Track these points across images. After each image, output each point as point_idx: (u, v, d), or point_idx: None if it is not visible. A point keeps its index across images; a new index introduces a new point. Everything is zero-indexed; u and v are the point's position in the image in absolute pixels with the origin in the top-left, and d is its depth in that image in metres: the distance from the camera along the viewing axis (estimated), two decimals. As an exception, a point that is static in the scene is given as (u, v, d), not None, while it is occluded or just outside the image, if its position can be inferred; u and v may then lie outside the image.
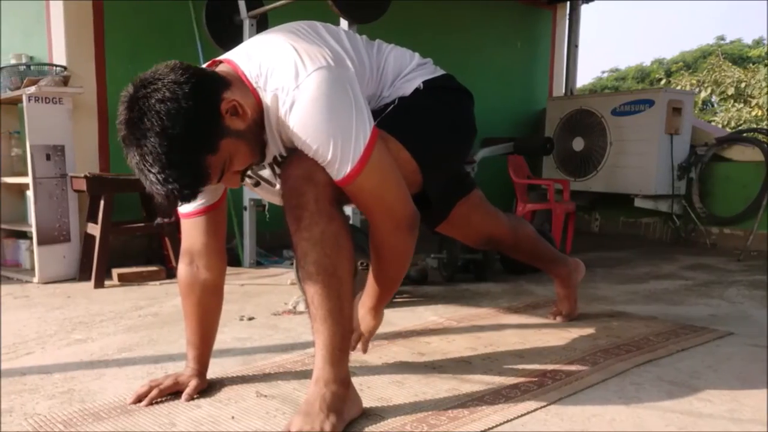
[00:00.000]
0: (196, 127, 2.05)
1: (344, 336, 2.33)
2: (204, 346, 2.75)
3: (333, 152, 2.15)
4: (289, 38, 2.33)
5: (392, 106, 2.55)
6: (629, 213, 8.11)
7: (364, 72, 2.47)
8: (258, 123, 2.27)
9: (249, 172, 2.53)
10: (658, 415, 2.44)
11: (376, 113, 2.47)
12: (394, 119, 2.49)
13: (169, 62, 2.13)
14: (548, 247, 3.70)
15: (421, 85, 2.60)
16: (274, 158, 2.42)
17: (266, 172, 2.56)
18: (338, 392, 2.29)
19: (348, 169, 2.17)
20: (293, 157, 2.28)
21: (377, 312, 2.85)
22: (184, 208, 2.60)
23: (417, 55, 2.74)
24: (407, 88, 2.59)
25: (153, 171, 2.05)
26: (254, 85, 2.25)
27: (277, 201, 2.65)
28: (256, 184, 2.66)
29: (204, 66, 2.35)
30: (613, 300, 4.44)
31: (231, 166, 2.23)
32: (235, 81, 2.24)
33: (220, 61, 2.39)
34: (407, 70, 2.65)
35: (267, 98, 2.23)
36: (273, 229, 6.33)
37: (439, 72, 2.73)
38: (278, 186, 2.54)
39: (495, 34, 8.95)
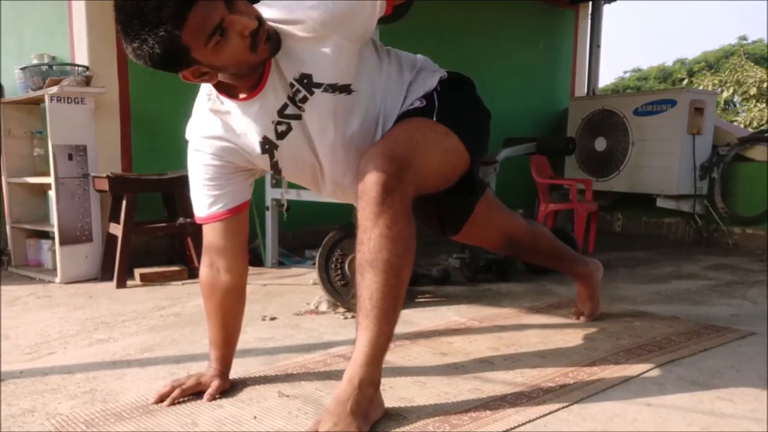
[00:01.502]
0: None
1: (389, 338, 2.33)
2: (226, 347, 2.75)
3: None
4: None
5: (435, 98, 2.57)
6: (651, 213, 8.07)
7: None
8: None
9: (278, 117, 2.45)
10: (680, 415, 2.43)
11: (418, 110, 2.53)
12: (449, 113, 2.52)
13: None
14: (565, 247, 3.68)
15: (445, 75, 2.64)
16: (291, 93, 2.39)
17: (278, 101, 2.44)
18: (369, 394, 2.28)
19: None
20: (378, 147, 2.31)
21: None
22: (202, 212, 2.60)
23: (419, 54, 2.79)
24: (431, 82, 2.61)
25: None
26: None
27: (307, 179, 2.65)
28: (283, 133, 2.51)
29: None
30: (635, 300, 4.42)
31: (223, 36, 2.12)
32: None
33: None
34: (421, 67, 2.69)
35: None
36: (295, 228, 6.34)
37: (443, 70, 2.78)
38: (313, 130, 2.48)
39: (517, 34, 8.93)
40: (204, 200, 2.59)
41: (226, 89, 2.41)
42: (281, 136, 2.47)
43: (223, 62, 2.19)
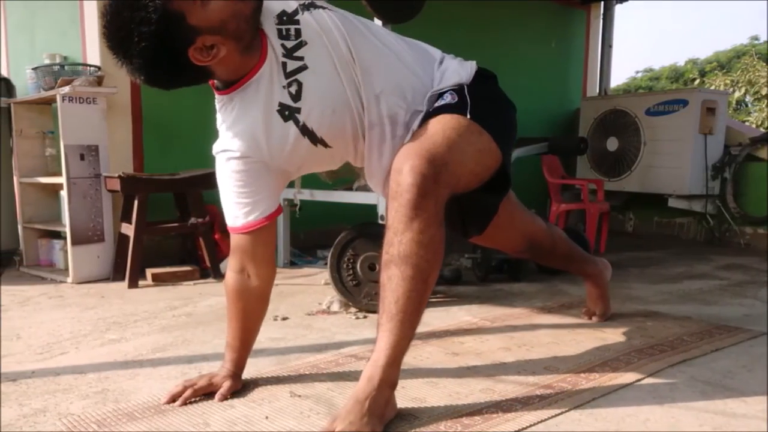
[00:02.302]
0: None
1: (410, 341, 2.33)
2: (243, 350, 2.74)
3: None
4: None
5: (466, 94, 2.56)
6: (663, 213, 8.06)
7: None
8: None
9: (285, 80, 2.45)
10: (693, 415, 2.42)
11: (453, 105, 2.51)
12: (481, 111, 2.50)
13: None
14: (578, 248, 3.67)
15: (475, 68, 2.66)
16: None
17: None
18: (386, 395, 2.28)
19: None
20: (414, 146, 2.31)
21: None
22: (237, 221, 2.56)
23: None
24: (464, 75, 2.60)
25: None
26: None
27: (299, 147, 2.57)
28: (298, 92, 2.48)
29: None
30: (647, 300, 4.41)
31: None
32: None
33: None
34: (446, 57, 2.70)
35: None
36: (307, 229, 6.34)
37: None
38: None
39: (529, 33, 8.92)
40: (238, 210, 2.55)
41: (230, 83, 2.47)
42: (297, 96, 2.45)
43: (219, 16, 2.24)
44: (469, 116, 2.44)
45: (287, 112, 2.45)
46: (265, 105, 2.43)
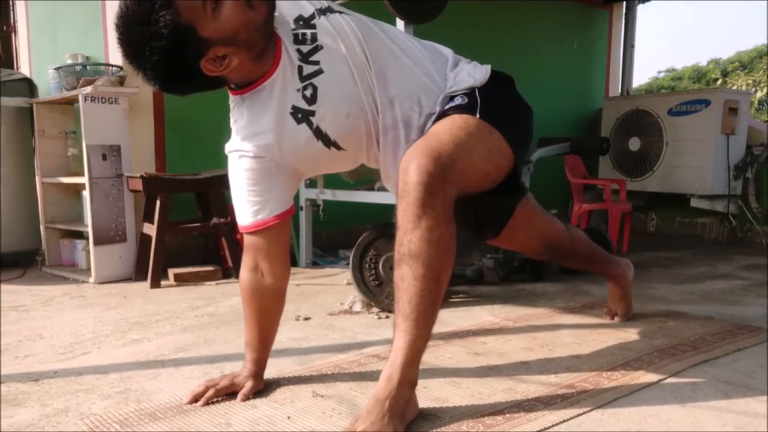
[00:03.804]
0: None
1: (427, 339, 2.32)
2: (263, 349, 2.74)
3: None
4: None
5: (477, 95, 2.54)
6: (685, 213, 8.02)
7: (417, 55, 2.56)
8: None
9: (300, 83, 2.47)
10: (715, 415, 2.41)
11: (463, 106, 2.50)
12: (492, 111, 2.49)
13: None
14: (599, 249, 3.66)
15: (490, 73, 2.62)
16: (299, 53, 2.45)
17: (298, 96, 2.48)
18: (405, 394, 2.28)
19: None
20: (421, 145, 2.29)
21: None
22: (246, 220, 2.58)
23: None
24: (477, 78, 2.59)
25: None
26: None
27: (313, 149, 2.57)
28: (313, 96, 2.49)
29: None
30: (669, 300, 4.39)
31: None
32: None
33: None
34: (461, 60, 2.67)
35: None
36: (329, 229, 6.35)
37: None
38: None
39: (551, 34, 8.90)
40: (248, 208, 2.56)
41: (245, 85, 2.49)
42: (312, 100, 2.46)
43: (230, 27, 2.25)
44: (478, 115, 2.43)
45: (300, 115, 2.46)
46: (278, 107, 2.44)
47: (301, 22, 2.47)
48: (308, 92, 2.44)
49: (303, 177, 2.74)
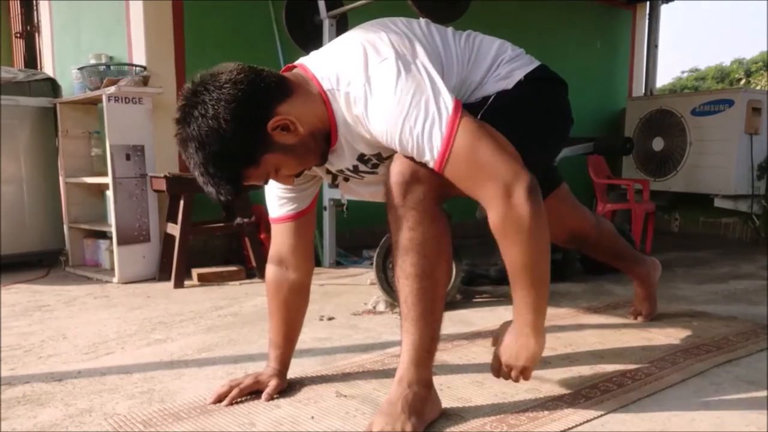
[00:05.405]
0: (233, 146, 2.16)
1: (433, 338, 2.32)
2: (287, 347, 2.76)
3: (417, 135, 2.11)
4: (360, 34, 2.34)
5: (493, 98, 2.48)
6: (709, 213, 7.99)
7: (451, 59, 2.44)
8: (318, 134, 2.30)
9: (333, 171, 2.52)
10: (738, 415, 2.41)
11: (474, 105, 2.42)
12: (500, 113, 2.43)
13: (231, 67, 2.23)
14: (628, 246, 3.65)
15: (523, 78, 2.55)
16: (361, 157, 2.40)
17: (346, 163, 2.48)
18: (420, 393, 2.28)
19: (438, 144, 2.11)
20: (397, 154, 2.27)
21: (535, 331, 2.34)
22: (274, 213, 2.67)
23: (509, 43, 2.67)
24: (509, 81, 2.53)
25: (196, 173, 2.24)
26: (327, 89, 2.25)
27: (366, 196, 2.66)
28: (334, 179, 2.62)
29: (280, 70, 2.37)
30: (692, 300, 4.37)
31: (278, 173, 2.31)
32: (301, 88, 2.27)
33: (295, 66, 2.42)
34: (504, 59, 2.58)
35: (341, 99, 2.23)
36: (353, 228, 6.34)
37: (535, 63, 2.64)
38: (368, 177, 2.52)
39: (574, 34, 8.88)
40: (276, 202, 2.68)
41: None
42: (334, 178, 2.61)
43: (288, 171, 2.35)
44: (479, 117, 2.37)
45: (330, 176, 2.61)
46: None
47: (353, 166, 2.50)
48: (338, 179, 2.64)
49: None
